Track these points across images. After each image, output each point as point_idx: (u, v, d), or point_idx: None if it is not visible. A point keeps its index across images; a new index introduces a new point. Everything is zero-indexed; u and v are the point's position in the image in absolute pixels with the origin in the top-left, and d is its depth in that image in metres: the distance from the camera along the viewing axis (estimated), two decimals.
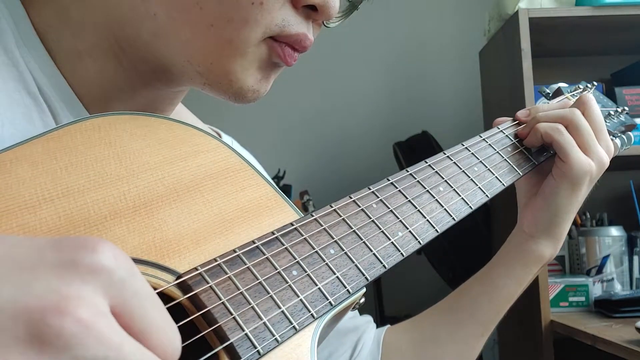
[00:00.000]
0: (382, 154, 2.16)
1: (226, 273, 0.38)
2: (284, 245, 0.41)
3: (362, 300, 0.45)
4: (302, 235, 0.43)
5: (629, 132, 0.76)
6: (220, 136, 0.67)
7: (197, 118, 0.66)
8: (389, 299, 2.03)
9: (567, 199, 0.64)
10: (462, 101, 2.30)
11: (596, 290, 1.54)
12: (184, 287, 0.36)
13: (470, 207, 0.54)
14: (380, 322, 0.71)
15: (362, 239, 0.45)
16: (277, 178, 2.04)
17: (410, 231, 0.48)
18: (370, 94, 2.40)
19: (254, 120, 2.33)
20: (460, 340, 0.68)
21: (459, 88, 2.34)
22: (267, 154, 2.37)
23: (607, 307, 1.44)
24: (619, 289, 1.56)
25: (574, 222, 1.75)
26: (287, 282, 0.40)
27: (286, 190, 2.02)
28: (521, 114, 0.69)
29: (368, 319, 0.72)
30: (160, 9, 0.44)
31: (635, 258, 1.59)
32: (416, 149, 2.00)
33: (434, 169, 0.55)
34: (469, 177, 0.57)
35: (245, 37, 0.45)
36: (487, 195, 0.57)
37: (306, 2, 0.46)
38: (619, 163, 1.69)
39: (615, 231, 1.61)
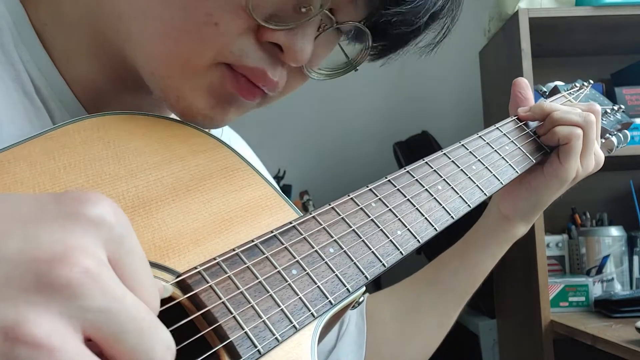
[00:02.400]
0: (382, 153, 2.16)
1: (226, 272, 0.38)
2: (283, 244, 0.41)
3: (362, 299, 0.45)
4: (302, 234, 0.43)
5: (625, 130, 0.77)
6: None
7: None
8: None
9: (551, 195, 0.68)
10: (462, 101, 2.30)
11: (596, 290, 1.54)
12: (183, 286, 0.36)
13: (468, 205, 0.54)
14: None
15: (361, 238, 0.45)
16: (277, 178, 2.04)
17: (409, 229, 0.48)
18: (370, 94, 2.40)
19: (254, 120, 2.33)
20: (440, 311, 0.72)
21: (459, 88, 2.33)
22: (267, 154, 2.37)
23: (607, 307, 1.44)
24: (619, 289, 1.56)
25: (574, 222, 1.75)
26: (286, 281, 0.39)
27: (286, 190, 2.02)
28: (522, 111, 0.70)
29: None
30: (131, 16, 0.43)
31: (635, 258, 1.59)
32: (416, 148, 2.00)
33: (432, 167, 0.55)
34: (467, 175, 0.57)
35: (196, 54, 0.43)
36: (485, 194, 0.57)
37: (269, 39, 0.43)
38: (619, 163, 1.70)
39: (615, 231, 1.61)
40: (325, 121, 2.39)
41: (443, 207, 0.52)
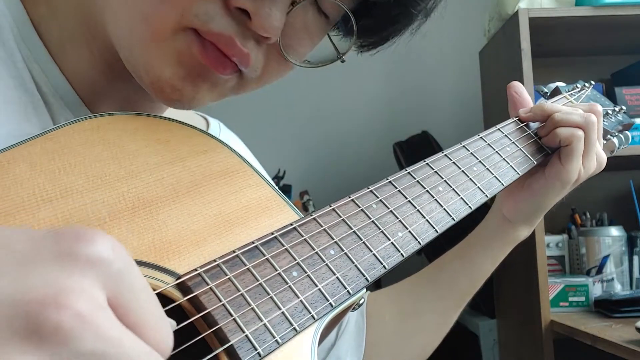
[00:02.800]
0: (382, 154, 2.16)
1: (226, 274, 0.37)
2: (283, 246, 0.41)
3: (362, 301, 0.45)
4: (302, 236, 0.42)
5: (627, 131, 0.77)
6: (207, 121, 0.66)
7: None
8: None
9: (553, 197, 0.68)
10: (462, 101, 2.30)
11: (596, 290, 1.54)
12: (183, 288, 0.36)
13: (469, 207, 0.54)
14: None
15: (362, 240, 0.45)
16: (277, 178, 2.04)
17: (410, 231, 0.48)
18: (370, 93, 2.40)
19: (254, 120, 2.33)
20: (440, 312, 0.72)
21: (459, 88, 2.33)
22: (267, 154, 2.37)
23: (607, 307, 1.44)
24: (619, 289, 1.56)
25: (574, 222, 1.75)
26: (287, 283, 0.39)
27: (286, 190, 2.02)
28: (523, 112, 0.69)
29: None
30: None
31: (635, 258, 1.59)
32: (416, 149, 1.99)
33: (433, 169, 0.55)
34: (468, 176, 0.57)
35: (162, 16, 0.41)
36: (486, 195, 0.57)
37: (236, 4, 0.41)
38: (619, 163, 1.70)
39: (615, 231, 1.61)
40: (325, 121, 2.38)
41: (444, 208, 0.52)
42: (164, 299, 0.35)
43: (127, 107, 0.51)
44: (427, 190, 0.52)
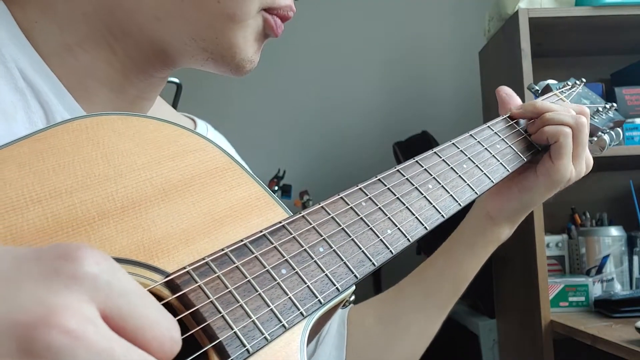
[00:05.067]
0: (382, 154, 2.16)
1: (215, 272, 0.38)
2: (272, 243, 0.41)
3: (352, 298, 0.45)
4: (291, 234, 0.43)
5: (618, 128, 0.76)
6: (194, 122, 0.68)
7: (173, 110, 0.67)
8: None
9: (541, 196, 0.68)
10: (462, 101, 2.30)
11: (596, 290, 1.54)
12: (172, 286, 0.36)
13: (459, 204, 0.54)
14: None
15: (351, 237, 0.45)
16: (277, 178, 2.04)
17: (399, 228, 0.48)
18: (370, 93, 2.40)
19: (255, 120, 2.33)
20: (424, 317, 0.71)
21: (458, 88, 2.33)
22: (267, 154, 2.38)
23: (607, 307, 1.44)
24: (619, 289, 1.56)
25: (574, 222, 1.74)
26: (276, 281, 0.40)
27: (286, 190, 2.02)
28: (515, 108, 0.70)
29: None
30: None
31: (635, 258, 1.59)
32: (416, 149, 1.99)
33: (422, 166, 0.55)
34: (458, 173, 0.57)
35: (247, 9, 0.49)
36: (476, 192, 0.57)
37: None
38: (619, 163, 1.70)
39: (615, 231, 1.61)
40: (325, 121, 2.39)
41: (433, 205, 0.52)
42: (153, 297, 0.35)
43: (134, 100, 0.53)
44: (416, 188, 0.52)
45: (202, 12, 0.48)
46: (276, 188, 2.00)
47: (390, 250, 0.47)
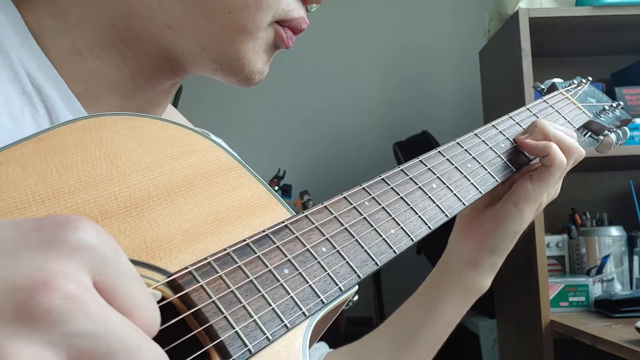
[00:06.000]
0: (382, 153, 2.17)
1: (217, 272, 0.38)
2: (275, 243, 0.41)
3: (356, 298, 0.45)
4: (294, 234, 0.43)
5: (625, 127, 0.76)
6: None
7: (186, 120, 0.66)
8: (389, 299, 2.03)
9: (521, 223, 0.64)
10: (462, 101, 2.30)
11: (596, 290, 1.54)
12: (174, 286, 0.36)
13: (463, 203, 0.54)
14: (380, 322, 0.70)
15: (354, 237, 0.45)
16: (277, 178, 2.05)
17: (402, 228, 0.48)
18: (371, 93, 2.41)
19: (255, 121, 2.33)
20: None
21: (459, 88, 2.34)
22: (267, 154, 2.38)
23: (607, 307, 1.44)
24: (619, 289, 1.56)
25: (574, 222, 1.74)
26: (278, 281, 0.39)
27: (286, 190, 2.03)
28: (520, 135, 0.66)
29: (317, 346, 0.69)
30: (177, 1, 0.47)
31: (635, 258, 1.59)
32: (416, 149, 2.00)
33: (426, 166, 0.55)
34: (462, 173, 0.57)
35: (258, 22, 0.49)
36: (480, 192, 0.56)
37: None
38: (619, 163, 1.70)
39: (615, 231, 1.61)
40: (325, 121, 2.39)
41: (437, 205, 0.52)
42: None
43: (143, 106, 0.53)
44: (420, 187, 0.52)
45: (213, 23, 0.48)
46: (276, 188, 2.00)
47: (394, 250, 0.46)
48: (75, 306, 0.23)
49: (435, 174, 0.54)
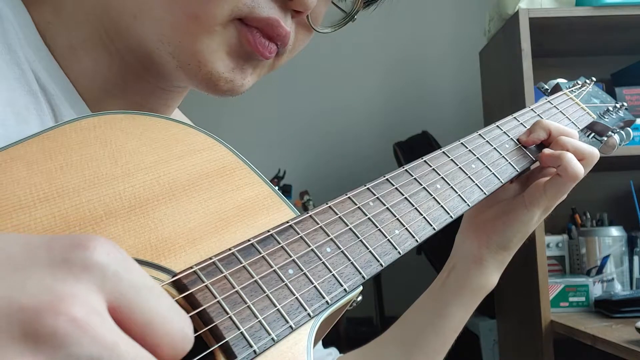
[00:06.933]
0: (382, 154, 2.17)
1: (222, 272, 0.37)
2: (279, 243, 0.41)
3: (359, 298, 0.45)
4: (298, 234, 0.42)
5: (628, 128, 0.76)
6: None
7: (188, 120, 0.66)
8: (389, 299, 2.03)
9: (529, 225, 0.63)
10: (462, 101, 2.30)
11: (596, 290, 1.54)
12: (179, 286, 0.36)
13: (467, 204, 0.54)
14: (380, 322, 0.70)
15: (358, 237, 0.45)
16: (277, 178, 2.05)
17: (407, 229, 0.48)
18: (371, 94, 2.41)
19: (255, 121, 2.33)
20: None
21: (459, 88, 2.34)
22: (267, 154, 2.38)
23: (607, 307, 1.44)
24: (619, 289, 1.56)
25: (574, 222, 1.75)
26: (283, 281, 0.39)
27: (286, 190, 2.03)
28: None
29: (329, 351, 0.68)
30: None
31: (635, 258, 1.60)
32: (416, 149, 2.00)
33: (430, 166, 0.54)
34: (467, 174, 0.56)
35: (211, 12, 0.43)
36: (484, 193, 0.56)
37: None
38: (619, 163, 1.70)
39: (615, 231, 1.62)
40: (325, 121, 2.39)
41: (442, 206, 0.52)
42: (166, 292, 0.35)
43: (138, 108, 0.52)
44: (424, 187, 0.52)
45: (167, 11, 0.44)
46: (276, 188, 2.00)
47: (398, 251, 0.46)
48: (81, 329, 0.23)
49: (440, 175, 0.54)
